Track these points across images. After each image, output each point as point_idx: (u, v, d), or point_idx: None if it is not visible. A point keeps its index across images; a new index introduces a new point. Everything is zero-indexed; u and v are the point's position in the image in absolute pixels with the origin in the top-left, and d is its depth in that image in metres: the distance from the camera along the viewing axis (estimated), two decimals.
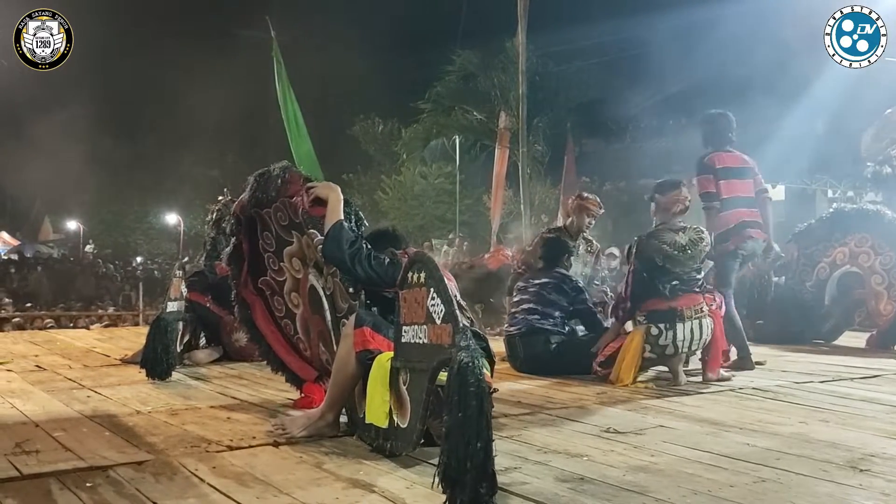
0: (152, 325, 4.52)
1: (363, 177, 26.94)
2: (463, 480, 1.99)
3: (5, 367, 4.86)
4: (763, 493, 2.22)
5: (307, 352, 3.58)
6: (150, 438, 2.89)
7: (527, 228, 12.44)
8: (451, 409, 2.07)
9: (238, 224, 3.56)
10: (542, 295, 4.80)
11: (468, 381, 2.07)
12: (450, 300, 2.28)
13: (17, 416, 3.32)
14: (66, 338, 7.00)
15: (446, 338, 2.26)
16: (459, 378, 2.08)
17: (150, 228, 36.07)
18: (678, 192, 4.35)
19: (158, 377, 4.31)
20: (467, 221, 21.88)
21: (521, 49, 12.34)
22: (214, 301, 5.23)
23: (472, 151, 22.81)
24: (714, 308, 4.31)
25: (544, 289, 4.82)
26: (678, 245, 4.20)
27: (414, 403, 2.45)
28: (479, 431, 2.03)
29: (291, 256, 3.47)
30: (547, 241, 5.25)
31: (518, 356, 4.80)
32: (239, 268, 3.65)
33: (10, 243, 29.75)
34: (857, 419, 3.29)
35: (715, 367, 4.31)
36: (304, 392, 3.54)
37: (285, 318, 3.63)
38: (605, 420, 3.24)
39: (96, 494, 2.21)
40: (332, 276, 3.26)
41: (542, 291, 4.82)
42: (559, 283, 4.83)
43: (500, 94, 20.23)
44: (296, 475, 2.40)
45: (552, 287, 4.81)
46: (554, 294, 4.79)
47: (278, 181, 3.35)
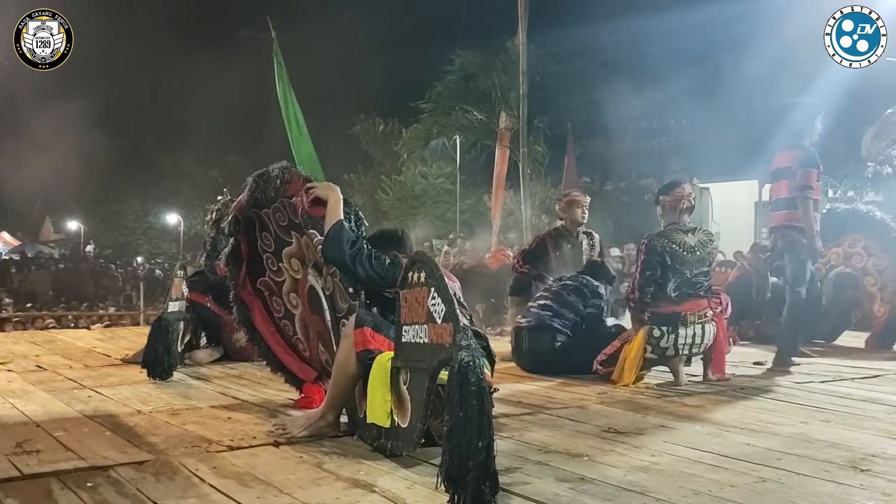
0: (153, 325, 4.52)
1: (364, 177, 26.91)
2: (465, 480, 2.00)
3: (6, 367, 4.85)
4: (764, 494, 2.22)
5: (306, 352, 3.58)
6: (150, 438, 2.89)
7: (527, 229, 12.44)
8: (452, 408, 2.08)
9: (236, 225, 3.54)
10: (562, 295, 4.87)
11: (469, 381, 2.07)
12: (450, 300, 2.28)
13: (17, 416, 3.32)
14: (66, 338, 7.00)
15: (447, 337, 2.27)
16: (460, 377, 2.08)
17: (151, 228, 36.02)
18: (681, 189, 4.40)
19: (159, 377, 4.31)
20: (468, 221, 21.84)
21: (521, 49, 12.32)
22: (215, 301, 5.23)
23: (472, 151, 22.79)
24: (718, 312, 4.34)
25: (565, 289, 4.90)
26: (687, 245, 4.24)
27: (415, 403, 2.46)
28: (481, 431, 2.03)
29: (290, 257, 3.46)
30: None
31: (522, 350, 4.84)
32: (237, 269, 3.63)
33: (11, 243, 29.73)
34: (858, 419, 3.29)
35: (716, 369, 4.33)
36: (304, 392, 3.54)
37: (284, 319, 3.63)
38: (605, 420, 3.24)
39: (97, 494, 2.21)
40: (331, 277, 3.26)
41: (562, 291, 4.89)
42: (580, 287, 4.89)
43: (500, 94, 20.21)
44: (296, 475, 2.40)
45: (572, 289, 4.89)
46: (573, 296, 4.86)
47: (277, 182, 3.34)
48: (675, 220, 4.35)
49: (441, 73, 22.43)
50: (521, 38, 12.19)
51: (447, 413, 2.10)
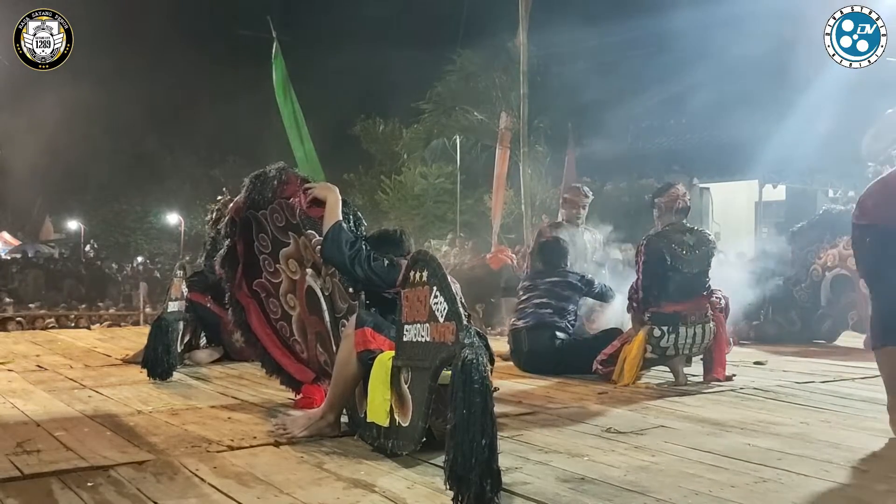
0: (153, 325, 4.52)
1: (364, 177, 26.90)
2: (468, 478, 2.00)
3: (6, 367, 4.86)
4: (764, 494, 2.22)
5: (304, 354, 3.56)
6: (151, 438, 2.89)
7: (527, 228, 12.43)
8: (455, 406, 2.08)
9: (233, 226, 3.51)
10: (556, 292, 4.88)
11: (473, 379, 2.07)
12: (453, 298, 2.29)
13: (18, 415, 3.33)
14: (67, 338, 7.00)
15: (449, 336, 2.26)
16: (464, 375, 2.08)
17: (151, 228, 36.02)
18: (675, 190, 4.45)
19: (159, 377, 4.32)
20: (468, 221, 21.85)
21: (522, 49, 12.32)
22: (214, 301, 5.23)
23: (472, 151, 22.79)
24: (717, 311, 4.35)
25: (557, 286, 4.90)
26: (686, 245, 4.26)
27: (416, 402, 2.46)
28: (484, 428, 2.04)
29: (288, 258, 3.45)
30: (543, 246, 5.31)
31: (521, 350, 4.84)
32: (233, 270, 3.60)
33: (11, 243, 29.73)
34: (858, 419, 3.29)
35: (717, 369, 4.34)
36: (303, 393, 3.53)
37: (281, 321, 3.61)
38: (606, 420, 3.24)
39: (97, 494, 2.21)
40: (330, 277, 3.25)
41: (554, 289, 4.90)
42: (568, 280, 4.92)
43: (501, 94, 20.18)
44: (297, 475, 2.40)
45: (564, 284, 4.90)
46: (567, 290, 4.89)
47: (275, 182, 3.33)
48: (672, 220, 4.37)
49: (442, 73, 22.43)
50: (522, 38, 12.19)
51: (451, 411, 2.10)
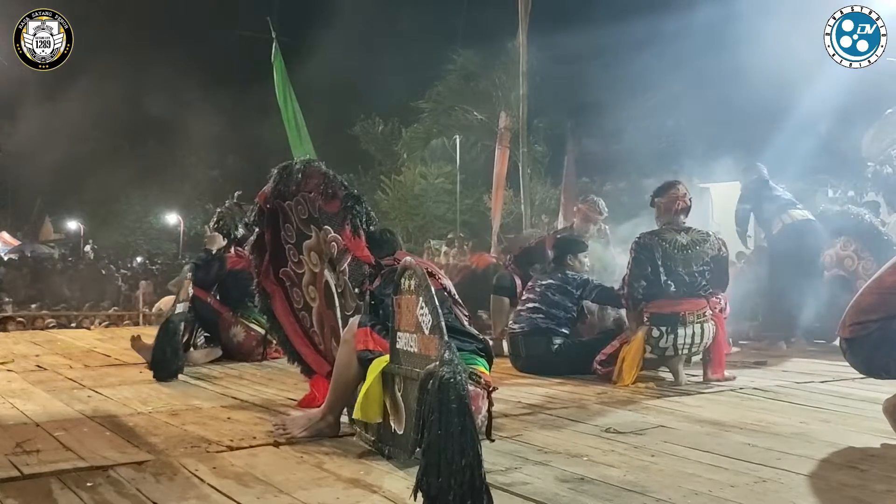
0: (161, 327, 4.53)
1: (363, 177, 26.94)
2: (446, 499, 1.89)
3: (6, 367, 4.86)
4: (764, 494, 2.22)
5: (321, 345, 3.62)
6: (150, 438, 2.89)
7: (527, 229, 12.43)
8: (430, 425, 1.99)
9: (261, 214, 3.61)
10: (547, 296, 4.84)
11: (449, 398, 1.98)
12: (437, 311, 2.23)
13: (17, 415, 3.32)
14: (66, 338, 7.00)
15: (433, 349, 2.22)
16: (440, 395, 2.00)
17: (151, 228, 36.06)
18: (675, 190, 4.43)
19: (165, 380, 4.31)
20: (468, 221, 21.88)
21: (522, 50, 12.32)
22: (216, 297, 5.28)
23: (472, 151, 22.83)
24: (717, 311, 4.34)
25: (549, 290, 4.86)
26: (678, 244, 4.24)
27: (409, 411, 2.44)
28: (463, 449, 1.92)
29: (310, 250, 3.51)
30: (559, 239, 5.31)
31: (520, 355, 4.83)
32: (261, 258, 3.70)
33: (11, 243, 29.71)
34: (858, 419, 3.29)
35: (716, 369, 4.34)
36: (311, 386, 3.57)
37: (303, 311, 3.68)
38: (605, 420, 3.24)
39: (97, 494, 2.21)
40: (342, 275, 3.30)
41: (546, 292, 4.86)
42: (562, 285, 4.86)
43: (500, 94, 20.21)
44: (297, 475, 2.40)
45: (556, 288, 4.85)
46: (558, 295, 4.83)
47: (298, 175, 3.39)
48: (670, 220, 4.37)
49: (441, 73, 22.46)
50: (522, 38, 12.18)
51: (426, 429, 2.01)
